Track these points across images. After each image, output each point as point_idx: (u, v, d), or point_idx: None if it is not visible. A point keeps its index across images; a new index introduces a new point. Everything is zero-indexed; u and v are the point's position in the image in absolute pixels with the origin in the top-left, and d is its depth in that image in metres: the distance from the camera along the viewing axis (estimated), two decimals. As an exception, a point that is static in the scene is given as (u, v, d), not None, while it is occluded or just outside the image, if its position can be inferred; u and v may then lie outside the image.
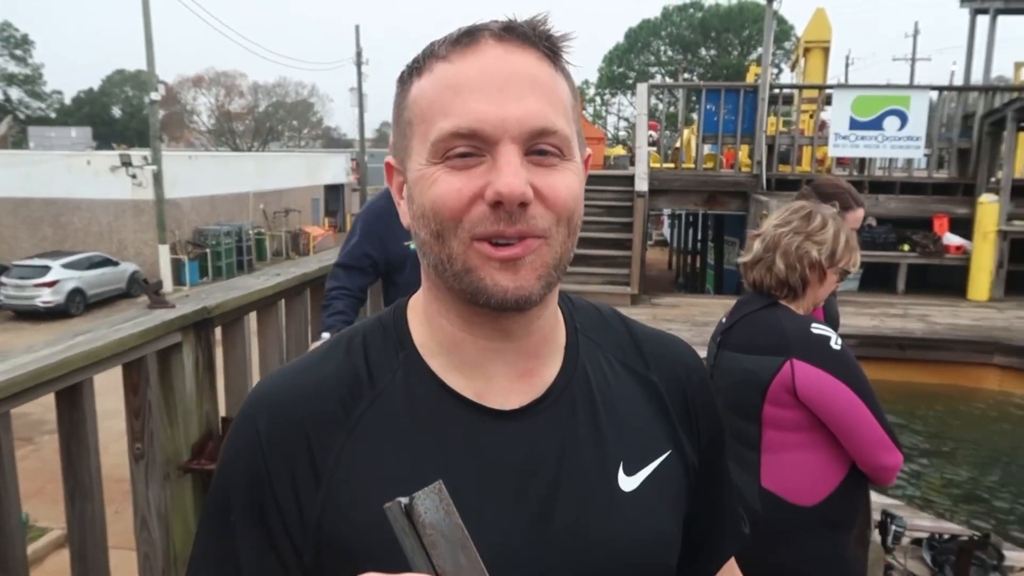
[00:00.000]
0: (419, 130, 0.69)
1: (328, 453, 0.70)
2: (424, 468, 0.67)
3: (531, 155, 0.67)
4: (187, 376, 2.30)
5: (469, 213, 0.67)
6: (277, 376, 0.76)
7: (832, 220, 1.90)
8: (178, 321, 2.24)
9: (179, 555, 2.33)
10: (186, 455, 2.30)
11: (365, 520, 0.66)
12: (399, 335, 0.76)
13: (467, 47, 0.68)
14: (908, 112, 10.23)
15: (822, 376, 1.72)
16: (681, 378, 0.84)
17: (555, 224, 0.68)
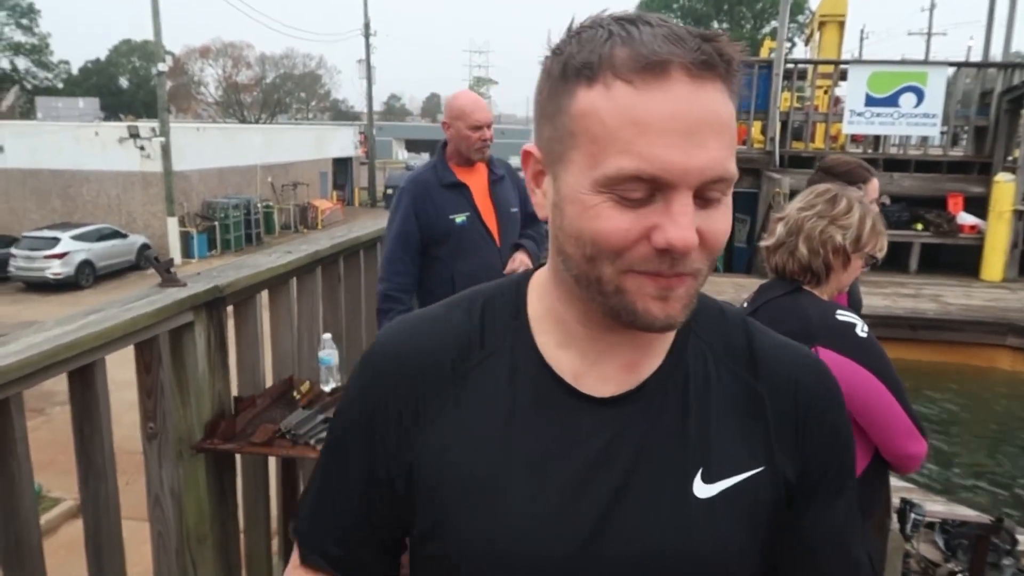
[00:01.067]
0: (587, 149, 0.66)
1: (432, 402, 0.77)
2: (509, 435, 0.74)
3: (699, 199, 0.66)
4: (199, 355, 2.28)
5: (631, 251, 0.66)
6: (402, 325, 0.83)
7: (858, 204, 1.85)
8: (190, 300, 2.21)
9: (192, 533, 2.33)
10: (199, 434, 2.29)
11: (448, 467, 0.75)
12: (516, 305, 0.80)
13: (655, 77, 0.63)
14: (925, 89, 10.08)
15: (847, 364, 1.69)
16: (794, 395, 0.78)
17: (708, 263, 0.69)
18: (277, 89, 59.51)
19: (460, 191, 3.02)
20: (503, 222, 3.10)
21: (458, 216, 2.99)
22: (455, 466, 0.75)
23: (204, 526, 2.35)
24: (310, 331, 3.07)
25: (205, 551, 2.36)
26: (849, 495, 0.80)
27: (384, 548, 0.84)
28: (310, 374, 2.88)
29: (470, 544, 0.74)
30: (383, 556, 0.84)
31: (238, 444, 2.29)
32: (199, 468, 2.32)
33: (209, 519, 2.36)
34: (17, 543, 1.66)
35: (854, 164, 2.52)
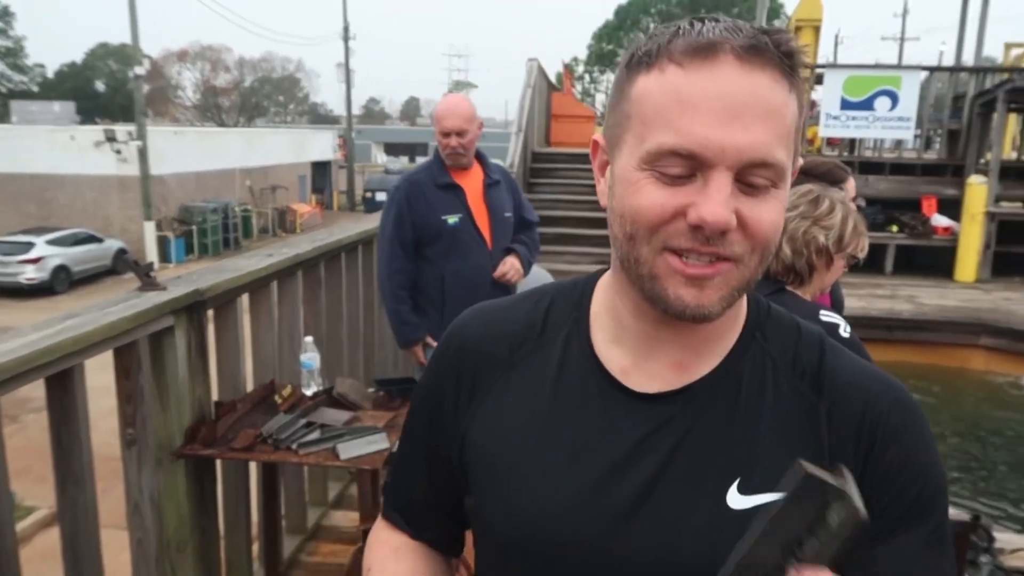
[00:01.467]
0: (636, 130, 0.69)
1: (486, 383, 0.83)
2: (549, 422, 0.77)
3: (742, 183, 0.66)
4: (180, 360, 2.25)
5: (667, 227, 0.67)
6: (477, 310, 0.90)
7: (840, 205, 1.87)
8: (170, 304, 2.19)
9: (172, 540, 2.30)
10: (179, 440, 2.26)
11: (491, 445, 0.80)
12: (580, 298, 0.84)
13: (705, 59, 0.65)
14: (899, 92, 10.21)
15: (829, 364, 1.70)
16: (860, 419, 0.73)
17: (750, 251, 0.68)
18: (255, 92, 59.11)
19: (454, 192, 3.03)
20: (496, 225, 3.11)
21: (450, 217, 3.00)
22: (497, 445, 0.80)
23: (184, 533, 2.33)
24: (291, 335, 3.04)
25: (185, 558, 2.33)
26: (931, 534, 0.72)
27: (446, 513, 0.90)
28: (292, 378, 2.86)
29: (501, 522, 0.78)
30: (446, 520, 0.91)
31: (219, 450, 2.26)
32: (179, 474, 2.29)
33: (189, 526, 2.33)
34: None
35: (831, 164, 2.55)
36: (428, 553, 0.93)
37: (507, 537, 0.78)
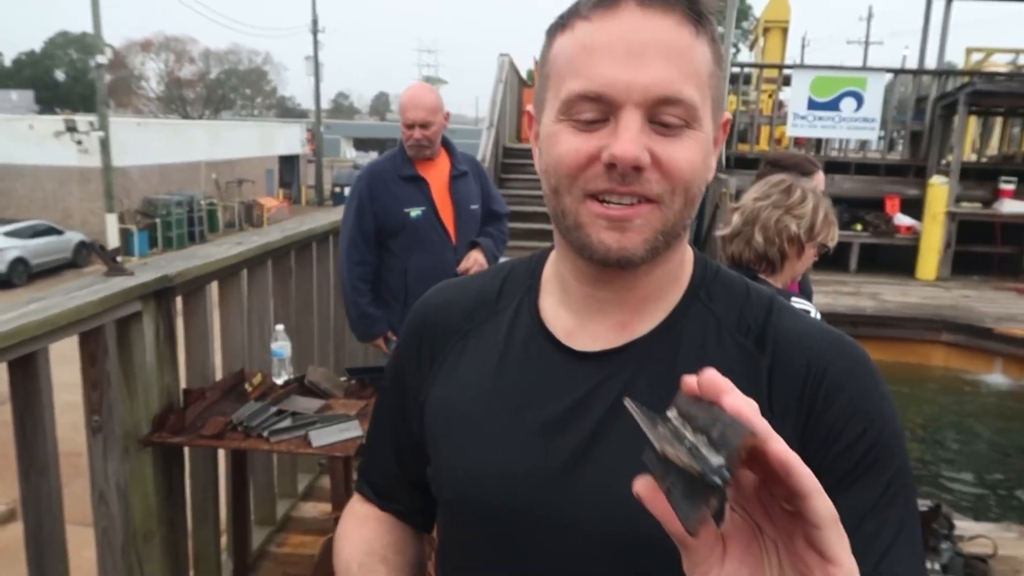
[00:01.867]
0: (553, 85, 0.72)
1: (443, 350, 0.85)
2: (497, 385, 0.79)
3: (655, 123, 0.68)
4: (147, 347, 2.21)
5: (585, 172, 0.70)
6: (441, 285, 0.93)
7: (812, 194, 1.89)
8: (138, 289, 2.14)
9: (139, 530, 2.26)
10: (146, 428, 2.22)
11: (444, 411, 0.82)
12: (534, 267, 0.86)
13: (608, 9, 0.68)
14: (865, 94, 10.39)
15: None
16: (805, 375, 0.71)
17: (670, 192, 0.70)
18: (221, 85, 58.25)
19: (417, 184, 2.98)
20: (460, 218, 3.07)
21: (413, 210, 2.95)
22: (448, 411, 0.82)
23: (151, 523, 2.28)
24: (261, 324, 3.01)
25: (152, 549, 2.29)
26: (887, 486, 0.68)
27: (413, 485, 0.90)
28: (262, 367, 2.83)
29: (448, 485, 0.81)
30: (413, 492, 0.91)
31: (187, 437, 2.23)
32: (146, 463, 2.25)
33: (156, 516, 2.29)
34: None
35: (801, 158, 2.60)
36: (395, 523, 0.94)
37: (453, 498, 0.81)
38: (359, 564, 0.86)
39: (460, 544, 0.83)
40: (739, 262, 1.90)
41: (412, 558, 0.92)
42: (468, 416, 0.80)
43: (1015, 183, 10.11)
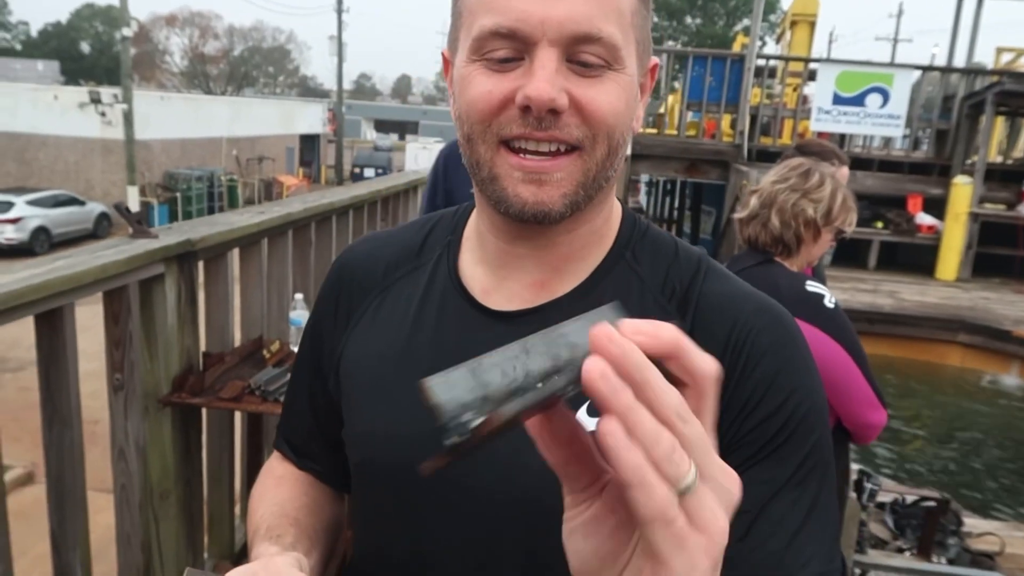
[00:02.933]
0: (465, 23, 0.67)
1: (361, 305, 0.82)
2: (410, 344, 0.76)
3: (573, 63, 0.64)
4: (169, 308, 2.25)
5: (499, 116, 0.65)
6: (366, 236, 0.90)
7: (830, 179, 1.90)
8: (161, 251, 2.18)
9: (156, 488, 2.31)
10: (166, 388, 2.26)
11: (358, 369, 0.79)
12: (457, 221, 0.83)
13: None
14: (891, 90, 10.28)
15: (814, 333, 1.74)
16: (724, 342, 0.68)
17: (591, 138, 0.65)
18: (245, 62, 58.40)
19: None
20: None
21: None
22: (360, 370, 0.79)
23: (168, 482, 2.33)
24: (280, 293, 3.04)
25: (168, 507, 2.34)
26: (799, 466, 0.65)
27: (330, 444, 0.86)
28: (279, 336, 2.86)
29: (355, 448, 0.78)
30: (330, 451, 0.87)
31: (206, 399, 2.27)
32: (165, 423, 2.29)
33: (173, 475, 2.33)
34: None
35: (829, 149, 2.58)
36: (312, 484, 0.89)
37: (361, 460, 0.78)
38: (268, 527, 0.79)
39: (368, 507, 0.79)
40: (755, 245, 1.91)
41: (328, 520, 0.87)
42: (378, 376, 0.76)
43: (1041, 186, 9.99)
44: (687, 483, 0.35)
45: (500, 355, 0.41)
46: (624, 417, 0.35)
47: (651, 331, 0.37)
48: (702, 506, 0.36)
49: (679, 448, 0.35)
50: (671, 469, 0.35)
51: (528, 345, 0.41)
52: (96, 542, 2.25)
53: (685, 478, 0.35)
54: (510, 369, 0.40)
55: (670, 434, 0.35)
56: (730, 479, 0.38)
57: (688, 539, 0.35)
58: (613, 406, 0.35)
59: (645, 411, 0.35)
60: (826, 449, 0.68)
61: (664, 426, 0.35)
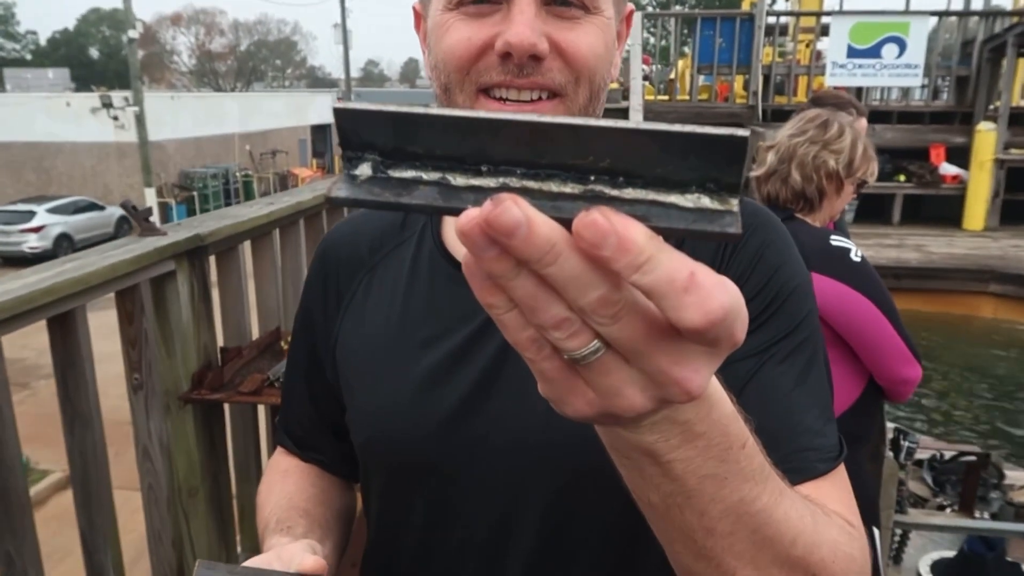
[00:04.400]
0: None
1: (350, 286, 0.80)
2: (406, 314, 0.75)
3: (551, 6, 0.63)
4: (183, 305, 2.23)
5: (477, 64, 0.64)
6: (345, 219, 0.89)
7: (849, 128, 1.82)
8: (171, 248, 2.16)
9: (183, 486, 2.30)
10: (186, 385, 2.25)
11: (354, 350, 0.78)
12: None
13: None
14: (907, 39, 10.02)
15: (842, 290, 1.67)
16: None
17: (573, 82, 0.65)
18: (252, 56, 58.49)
19: None
20: None
21: None
22: (358, 352, 0.78)
23: (195, 479, 2.33)
24: (295, 283, 3.02)
25: (197, 504, 2.34)
26: (787, 337, 0.66)
27: (332, 432, 0.85)
28: (297, 326, 2.85)
29: (357, 429, 0.77)
30: (334, 440, 0.86)
31: (226, 394, 2.25)
32: (187, 420, 2.28)
33: (200, 472, 2.33)
34: (3, 489, 1.62)
35: (845, 99, 2.49)
36: (319, 474, 0.89)
37: (363, 443, 0.77)
38: (277, 520, 0.78)
39: (380, 483, 0.79)
40: (775, 202, 1.85)
41: (339, 509, 0.86)
42: (377, 354, 0.76)
43: (1067, 127, 9.71)
44: (578, 354, 0.35)
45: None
46: (494, 278, 0.34)
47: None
48: (602, 377, 0.36)
49: (569, 321, 0.34)
50: (555, 336, 0.35)
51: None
52: (137, 541, 2.26)
53: (576, 351, 0.35)
54: None
55: (558, 307, 0.34)
56: (678, 364, 0.35)
57: (569, 397, 0.37)
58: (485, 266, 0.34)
59: (525, 279, 0.34)
60: (816, 327, 0.70)
61: (552, 297, 0.34)
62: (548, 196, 0.35)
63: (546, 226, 0.32)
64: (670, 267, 0.32)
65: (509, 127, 0.35)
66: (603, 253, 0.31)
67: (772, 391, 0.65)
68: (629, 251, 0.31)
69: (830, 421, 0.67)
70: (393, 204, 0.36)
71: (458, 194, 0.36)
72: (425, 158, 0.36)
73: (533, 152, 0.35)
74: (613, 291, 0.33)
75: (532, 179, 0.36)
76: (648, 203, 0.35)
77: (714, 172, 0.34)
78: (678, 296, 0.32)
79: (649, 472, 0.42)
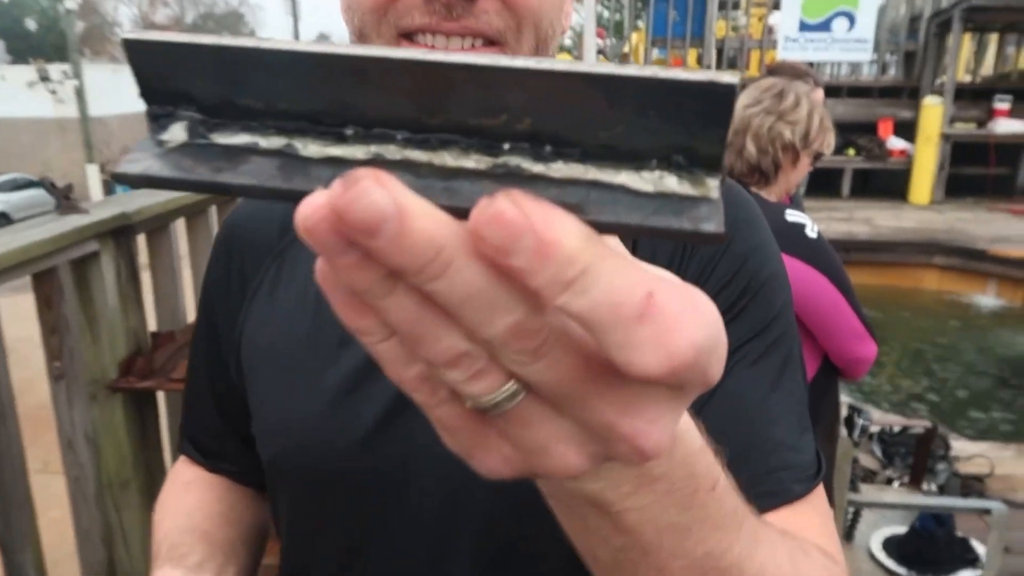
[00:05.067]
0: None
1: (256, 274, 0.69)
2: (319, 314, 0.64)
3: None
4: (108, 288, 2.09)
5: (396, 3, 0.53)
6: (247, 200, 0.76)
7: (806, 98, 1.77)
8: (94, 227, 2.01)
9: (114, 478, 2.18)
10: (113, 373, 2.12)
11: (262, 348, 0.67)
12: None
13: None
14: (857, 13, 10.10)
15: (797, 266, 1.62)
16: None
17: (514, 29, 0.54)
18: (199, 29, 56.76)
19: None
20: None
21: None
22: (264, 352, 0.67)
23: (126, 470, 2.20)
24: (234, 264, 2.89)
25: (129, 496, 2.21)
26: (759, 334, 0.58)
27: (241, 439, 0.73)
28: (236, 308, 2.72)
29: (261, 442, 0.66)
30: (246, 448, 0.73)
31: (157, 381, 2.13)
32: (116, 409, 2.15)
33: (131, 463, 2.20)
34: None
35: (802, 68, 2.44)
36: (227, 487, 0.78)
37: (272, 460, 0.66)
38: (171, 545, 0.69)
39: (289, 510, 0.68)
40: (729, 175, 1.78)
41: (249, 528, 0.76)
42: (286, 359, 0.65)
43: (1010, 102, 9.92)
44: (486, 402, 0.25)
45: None
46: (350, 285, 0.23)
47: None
48: (522, 430, 0.26)
49: (470, 356, 0.24)
50: (451, 377, 0.25)
51: None
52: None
53: (482, 397, 0.25)
54: None
55: (452, 337, 0.24)
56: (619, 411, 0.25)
57: (477, 453, 0.28)
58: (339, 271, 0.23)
59: (403, 298, 0.23)
60: (791, 321, 0.61)
61: (444, 323, 0.23)
62: (440, 173, 0.25)
63: (428, 220, 0.21)
64: (616, 284, 0.22)
65: (385, 68, 0.24)
66: (513, 262, 0.21)
67: (742, 400, 0.56)
68: (553, 260, 0.21)
69: (807, 431, 0.59)
70: (207, 184, 0.26)
71: (306, 169, 0.25)
72: (265, 115, 0.25)
73: (420, 108, 0.25)
74: (532, 316, 0.23)
75: (419, 147, 0.25)
76: (587, 184, 0.25)
77: (685, 138, 0.24)
78: (627, 329, 0.22)
79: (595, 524, 0.33)
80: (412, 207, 0.21)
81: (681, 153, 0.25)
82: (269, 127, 0.26)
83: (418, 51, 0.25)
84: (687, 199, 0.25)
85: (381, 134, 0.26)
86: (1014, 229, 8.17)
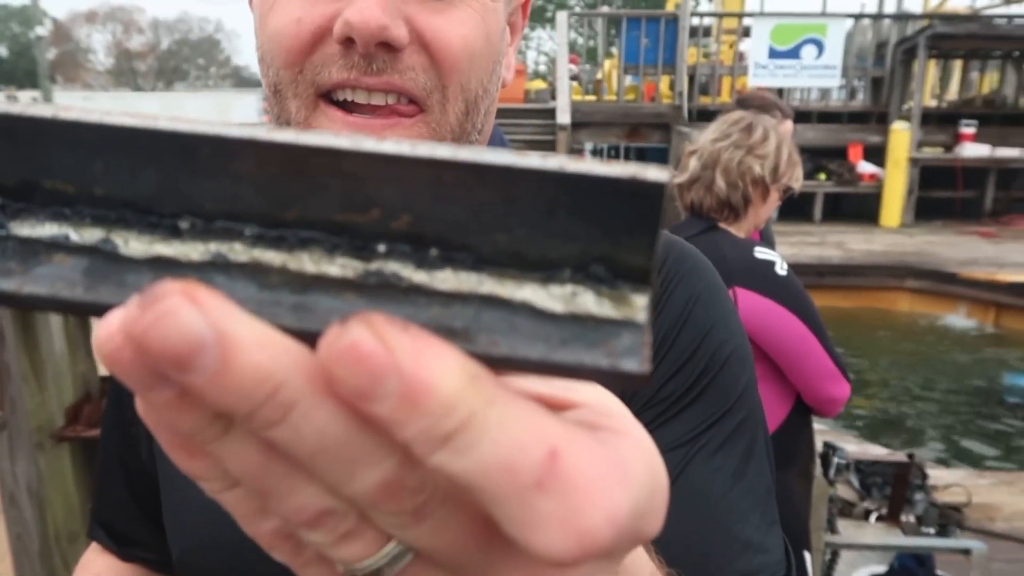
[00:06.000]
0: None
1: None
2: None
3: None
4: (54, 332, 2.00)
5: (312, 55, 0.48)
6: None
7: (774, 132, 1.73)
8: (39, 269, 1.93)
9: (61, 532, 2.07)
10: (60, 421, 2.02)
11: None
12: None
13: None
14: (825, 41, 10.27)
15: (767, 305, 1.58)
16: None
17: (440, 89, 0.49)
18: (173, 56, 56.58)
19: None
20: None
21: None
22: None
23: (75, 523, 2.10)
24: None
25: (78, 550, 2.10)
26: (703, 420, 0.53)
27: (156, 524, 0.66)
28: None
29: (182, 538, 0.59)
30: (158, 533, 0.66)
31: (107, 429, 2.03)
32: (64, 459, 2.05)
33: (80, 514, 2.10)
34: None
35: (771, 101, 2.42)
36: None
37: (179, 556, 0.59)
38: None
39: None
40: (699, 211, 1.74)
41: None
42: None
43: (975, 126, 10.10)
44: (362, 568, 0.20)
45: None
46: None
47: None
48: None
49: (334, 516, 0.19)
50: (314, 539, 0.20)
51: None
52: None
53: (356, 564, 0.20)
54: None
55: (308, 491, 0.19)
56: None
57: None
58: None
59: (241, 442, 0.18)
60: (755, 402, 0.56)
61: (296, 475, 0.19)
62: (296, 282, 0.20)
63: (261, 351, 0.16)
64: (508, 440, 0.17)
65: (220, 149, 0.19)
66: (374, 410, 0.16)
67: (704, 495, 0.51)
68: (424, 408, 0.16)
69: (773, 525, 0.54)
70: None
71: (121, 273, 0.19)
72: (80, 201, 0.20)
73: (272, 199, 0.19)
74: (406, 470, 0.18)
75: (272, 247, 0.20)
76: (479, 301, 0.20)
77: (605, 245, 0.19)
78: (524, 501, 0.17)
79: None
80: (238, 333, 0.16)
81: (601, 263, 0.19)
82: (85, 215, 0.20)
83: (261, 130, 0.19)
84: (605, 323, 0.19)
85: (225, 228, 0.20)
86: (983, 251, 8.26)
